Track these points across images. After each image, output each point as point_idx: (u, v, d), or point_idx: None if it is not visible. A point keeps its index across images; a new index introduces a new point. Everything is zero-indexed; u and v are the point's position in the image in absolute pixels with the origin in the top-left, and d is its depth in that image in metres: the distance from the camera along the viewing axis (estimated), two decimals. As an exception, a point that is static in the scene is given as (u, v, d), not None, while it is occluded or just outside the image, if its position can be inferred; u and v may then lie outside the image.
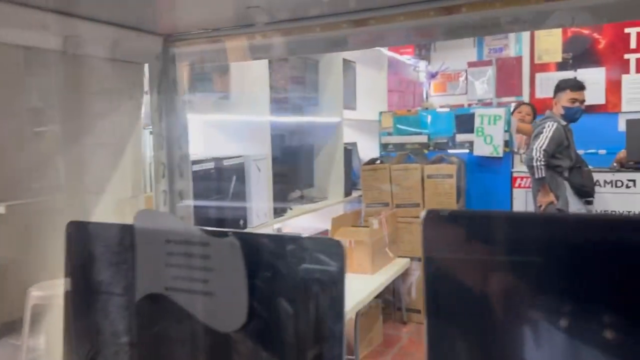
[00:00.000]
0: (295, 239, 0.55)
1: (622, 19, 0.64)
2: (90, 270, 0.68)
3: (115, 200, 0.83)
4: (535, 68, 5.16)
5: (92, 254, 0.68)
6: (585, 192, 3.49)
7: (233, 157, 2.61)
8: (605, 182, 3.80)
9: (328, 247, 0.54)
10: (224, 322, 0.58)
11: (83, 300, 0.69)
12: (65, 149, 0.80)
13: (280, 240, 0.56)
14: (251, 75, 2.88)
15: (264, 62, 2.79)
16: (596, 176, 3.71)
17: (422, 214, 0.47)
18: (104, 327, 0.69)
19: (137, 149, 0.87)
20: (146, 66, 0.87)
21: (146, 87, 0.90)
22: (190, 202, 0.90)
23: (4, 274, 0.77)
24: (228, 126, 2.92)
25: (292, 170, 3.50)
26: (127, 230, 0.64)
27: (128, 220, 0.63)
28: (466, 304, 0.46)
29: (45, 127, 0.82)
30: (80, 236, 0.70)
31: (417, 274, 3.93)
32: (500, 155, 4.06)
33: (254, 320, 0.57)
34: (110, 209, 0.84)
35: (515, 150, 4.22)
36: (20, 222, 0.76)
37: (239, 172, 2.64)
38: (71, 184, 0.81)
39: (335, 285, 0.54)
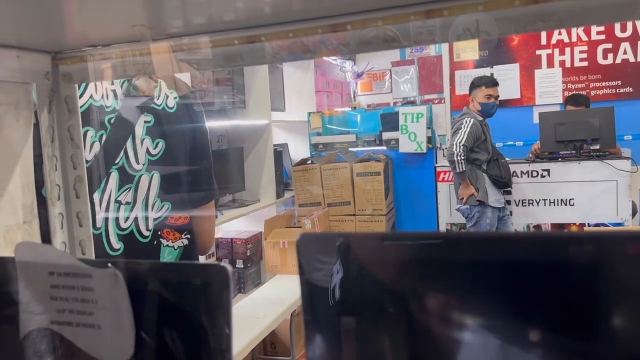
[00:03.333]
0: (179, 266, 0.55)
1: (527, 31, 0.66)
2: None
3: (4, 227, 0.79)
4: (455, 66, 5.37)
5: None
6: (503, 183, 3.67)
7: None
8: (522, 172, 4.00)
9: (213, 273, 0.54)
10: (111, 355, 0.56)
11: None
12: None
13: (164, 268, 0.55)
14: (173, 80, 2.81)
15: (185, 67, 2.72)
16: (513, 167, 3.91)
17: (297, 236, 0.47)
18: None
19: (28, 172, 0.82)
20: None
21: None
22: (89, 225, 0.87)
23: None
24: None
25: (222, 175, 3.46)
26: (7, 263, 0.61)
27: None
28: (341, 320, 0.48)
29: None
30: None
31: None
32: (424, 151, 4.20)
33: (141, 351, 0.55)
34: (-1, 236, 0.79)
35: (438, 146, 4.37)
36: None
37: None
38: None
39: (221, 310, 0.53)
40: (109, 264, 0.54)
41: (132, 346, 0.55)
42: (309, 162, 4.25)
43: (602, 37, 4.95)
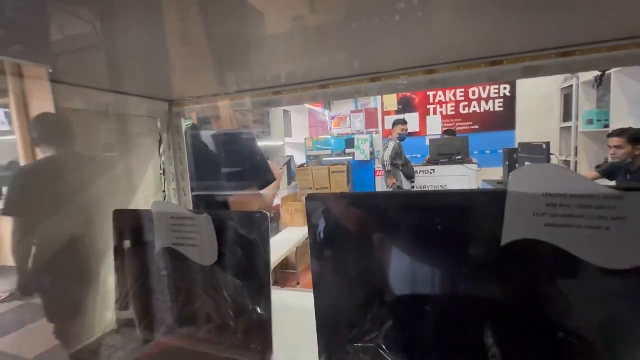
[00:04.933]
0: (239, 213, 0.56)
1: (425, 89, 0.66)
2: (129, 237, 0.65)
3: (145, 196, 0.79)
4: (384, 113, 5.38)
5: (131, 228, 0.65)
6: (410, 177, 3.71)
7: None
8: (420, 171, 4.04)
9: (260, 216, 0.55)
10: (205, 260, 0.58)
11: (128, 254, 0.66)
12: (118, 166, 0.75)
13: (231, 215, 0.56)
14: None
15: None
16: (416, 168, 3.94)
17: (305, 195, 0.48)
18: (143, 269, 0.66)
19: (157, 167, 0.83)
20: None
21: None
22: (190, 197, 0.87)
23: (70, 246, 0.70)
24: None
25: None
26: (148, 213, 0.62)
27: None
28: (340, 252, 0.49)
29: (111, 153, 0.76)
30: (122, 218, 0.66)
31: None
32: (368, 159, 4.21)
33: (221, 259, 0.57)
34: (142, 201, 0.79)
35: (375, 156, 4.37)
36: (87, 209, 0.70)
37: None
38: (119, 186, 0.76)
39: (263, 240, 0.55)
40: (204, 212, 0.55)
41: (215, 256, 0.57)
42: (306, 165, 4.23)
43: (462, 98, 5.00)
